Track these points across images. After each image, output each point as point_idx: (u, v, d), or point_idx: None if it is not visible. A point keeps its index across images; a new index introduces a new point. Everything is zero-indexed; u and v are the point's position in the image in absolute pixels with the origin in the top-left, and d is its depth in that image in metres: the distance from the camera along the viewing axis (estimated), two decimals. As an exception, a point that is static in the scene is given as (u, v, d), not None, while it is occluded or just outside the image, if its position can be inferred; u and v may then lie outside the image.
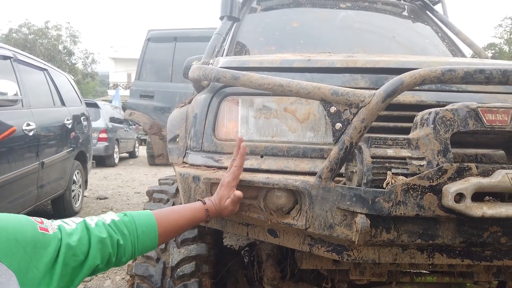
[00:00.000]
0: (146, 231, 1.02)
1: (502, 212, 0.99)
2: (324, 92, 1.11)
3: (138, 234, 1.01)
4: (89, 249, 0.89)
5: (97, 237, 0.92)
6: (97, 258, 0.91)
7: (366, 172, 1.05)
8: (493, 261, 1.19)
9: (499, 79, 0.99)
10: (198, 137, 1.38)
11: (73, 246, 0.86)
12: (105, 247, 0.93)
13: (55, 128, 4.31)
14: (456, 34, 2.68)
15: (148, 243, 1.03)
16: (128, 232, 0.99)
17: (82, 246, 0.88)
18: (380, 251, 1.19)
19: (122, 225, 0.99)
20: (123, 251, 0.97)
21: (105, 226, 0.96)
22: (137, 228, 1.01)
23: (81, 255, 0.88)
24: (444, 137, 1.07)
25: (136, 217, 1.03)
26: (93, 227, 0.94)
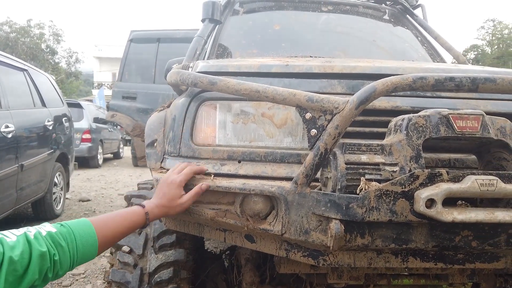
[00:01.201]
0: (86, 241, 0.98)
1: (472, 217, 1.01)
2: (300, 98, 1.12)
3: (77, 245, 0.96)
4: (29, 263, 0.85)
5: (38, 251, 0.87)
6: (36, 273, 0.86)
7: (340, 178, 1.06)
8: (466, 264, 1.21)
9: (469, 86, 1.02)
10: (175, 142, 1.37)
11: (15, 260, 0.82)
12: (44, 262, 0.88)
13: (35, 130, 4.24)
14: (435, 38, 2.73)
15: (88, 253, 1.00)
16: (66, 244, 0.94)
17: (23, 261, 0.84)
18: (355, 255, 1.20)
19: (59, 236, 0.94)
20: (59, 265, 0.92)
21: (43, 239, 0.91)
22: (76, 239, 0.97)
23: (21, 269, 0.83)
24: (417, 143, 1.09)
25: (74, 227, 0.98)
26: (33, 240, 0.88)
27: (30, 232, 0.90)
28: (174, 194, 1.18)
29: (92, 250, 1.00)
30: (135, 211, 1.14)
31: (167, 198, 1.18)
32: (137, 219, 1.13)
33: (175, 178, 1.20)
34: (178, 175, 1.21)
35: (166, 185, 1.20)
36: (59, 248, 0.92)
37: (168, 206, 1.18)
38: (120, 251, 1.58)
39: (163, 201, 1.18)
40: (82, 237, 0.98)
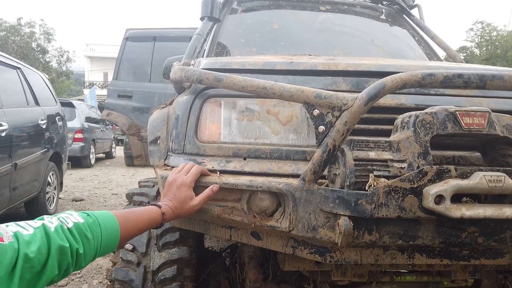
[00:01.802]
0: (110, 234, 0.97)
1: (480, 213, 1.02)
2: (308, 95, 1.12)
3: (102, 237, 0.94)
4: (48, 259, 0.80)
5: (57, 245, 0.82)
6: (55, 268, 0.81)
7: (349, 175, 1.06)
8: (471, 260, 1.22)
9: (477, 83, 1.02)
10: (180, 139, 1.36)
11: (30, 257, 0.76)
12: (65, 257, 0.83)
13: (29, 129, 4.19)
14: (432, 38, 2.75)
15: (110, 246, 0.98)
16: (92, 236, 0.91)
17: (41, 256, 0.78)
18: (362, 252, 1.20)
19: (86, 228, 0.91)
20: (83, 258, 0.88)
21: (64, 232, 0.85)
22: (102, 231, 0.94)
23: (38, 265, 0.78)
24: (424, 140, 1.10)
25: (101, 219, 0.96)
26: (53, 233, 0.83)
27: (51, 224, 0.85)
28: (186, 196, 1.17)
29: (114, 243, 0.99)
30: (154, 210, 1.13)
31: (178, 200, 1.17)
32: (155, 217, 1.12)
33: (184, 179, 1.18)
34: (187, 176, 1.19)
35: (176, 187, 1.18)
36: (85, 240, 0.89)
37: (180, 208, 1.16)
38: (123, 249, 1.56)
39: (175, 203, 1.17)
40: (107, 229, 0.96)
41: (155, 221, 1.12)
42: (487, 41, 30.26)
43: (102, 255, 1.00)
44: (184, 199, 1.17)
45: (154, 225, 1.14)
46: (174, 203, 1.17)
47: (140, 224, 1.08)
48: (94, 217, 0.95)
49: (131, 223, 1.05)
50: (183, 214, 1.18)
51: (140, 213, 1.10)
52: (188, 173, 1.20)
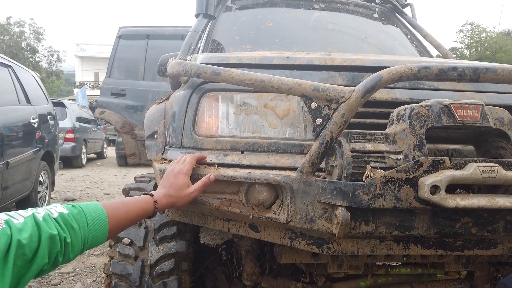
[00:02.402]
0: (97, 224, 0.95)
1: (474, 203, 1.04)
2: (305, 88, 1.13)
3: (88, 228, 0.92)
4: (38, 246, 0.81)
5: (47, 233, 0.82)
6: (45, 257, 0.82)
7: (346, 166, 1.08)
8: (464, 251, 1.25)
9: (471, 76, 1.04)
10: (177, 133, 1.37)
11: (23, 244, 0.77)
12: (54, 245, 0.84)
13: (20, 127, 4.15)
14: (424, 36, 2.78)
15: (99, 237, 0.96)
16: (77, 226, 0.90)
17: (32, 244, 0.79)
18: (358, 243, 1.22)
19: (71, 218, 0.89)
20: (71, 248, 0.88)
21: (52, 221, 0.86)
22: (88, 222, 0.92)
23: (30, 253, 0.79)
24: (420, 132, 1.12)
25: (86, 210, 0.94)
26: (42, 222, 0.83)
27: (39, 214, 0.85)
28: (182, 183, 1.17)
29: (102, 234, 0.97)
30: (145, 199, 1.11)
31: (174, 187, 1.17)
32: (146, 207, 1.10)
33: (181, 167, 1.19)
34: (183, 165, 1.20)
35: (172, 175, 1.19)
36: (71, 230, 0.88)
37: (175, 196, 1.16)
38: (121, 244, 1.56)
39: (171, 191, 1.16)
40: (93, 220, 0.94)
41: (147, 211, 1.11)
42: (477, 42, 30.63)
43: (92, 247, 0.97)
44: (180, 186, 1.16)
45: (147, 215, 1.12)
46: (169, 191, 1.16)
47: (130, 214, 1.06)
48: (79, 207, 0.94)
49: (120, 213, 1.02)
50: (178, 202, 1.17)
51: (131, 203, 1.08)
52: (185, 162, 1.21)
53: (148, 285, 1.48)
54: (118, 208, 1.03)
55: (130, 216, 1.05)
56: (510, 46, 29.61)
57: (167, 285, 1.47)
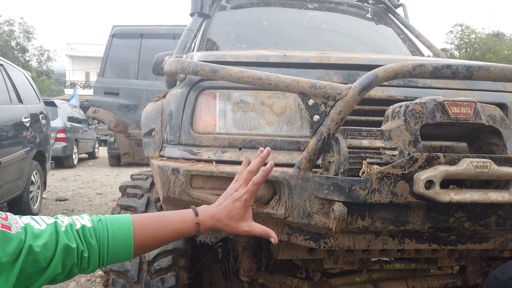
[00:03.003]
0: (119, 242, 0.88)
1: (467, 197, 1.07)
2: (303, 85, 1.15)
3: (108, 245, 0.87)
4: (54, 256, 0.78)
5: (64, 244, 0.80)
6: (58, 267, 0.79)
7: (343, 162, 1.10)
8: (457, 245, 1.27)
9: (464, 74, 1.07)
10: (175, 130, 1.38)
11: (36, 251, 0.76)
12: (70, 257, 0.81)
13: (12, 126, 4.12)
14: (416, 36, 2.82)
15: (121, 255, 0.90)
16: (96, 243, 0.86)
17: (47, 253, 0.77)
18: (355, 238, 1.24)
19: (91, 233, 0.86)
20: (87, 262, 0.85)
21: (73, 233, 0.83)
22: (109, 239, 0.87)
23: (44, 261, 0.77)
24: (414, 129, 1.14)
25: (110, 225, 0.89)
26: (63, 232, 0.81)
27: (62, 223, 0.83)
28: (236, 213, 0.98)
29: (126, 252, 0.90)
30: (186, 219, 0.95)
31: (226, 213, 0.98)
32: (185, 227, 0.94)
33: (241, 195, 0.98)
34: (244, 192, 0.98)
35: (231, 198, 0.99)
36: (89, 245, 0.85)
37: (223, 223, 0.97)
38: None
39: (221, 215, 0.97)
40: (115, 237, 0.88)
41: (186, 232, 0.95)
42: (466, 43, 30.91)
43: (115, 262, 0.92)
44: (233, 215, 0.98)
45: (185, 235, 0.97)
46: (219, 214, 0.97)
47: (162, 235, 0.93)
48: (105, 223, 0.89)
49: (150, 232, 0.91)
50: (225, 229, 0.99)
51: (166, 221, 0.94)
52: (246, 189, 0.98)
53: (146, 282, 1.49)
54: (148, 226, 0.92)
55: (161, 236, 0.93)
56: (499, 47, 29.97)
57: (165, 282, 1.48)
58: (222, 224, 0.98)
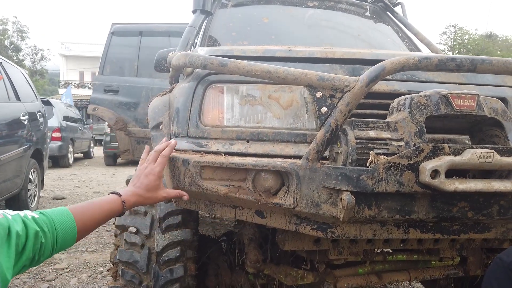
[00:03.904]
0: (65, 228, 0.98)
1: (471, 186, 1.10)
2: (311, 78, 1.18)
3: (57, 232, 0.96)
4: (26, 241, 0.87)
5: (33, 229, 0.88)
6: (31, 251, 0.87)
7: (351, 152, 1.13)
8: (460, 234, 1.31)
9: (468, 67, 1.10)
10: (183, 123, 1.40)
11: (20, 234, 0.84)
12: (37, 241, 0.89)
13: (10, 124, 4.12)
14: (415, 34, 2.86)
15: (67, 240, 1.00)
16: (48, 230, 0.93)
17: (23, 237, 0.85)
18: (361, 227, 1.27)
19: (41, 223, 0.93)
20: (44, 250, 0.92)
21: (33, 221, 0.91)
22: (56, 227, 0.96)
23: (21, 245, 0.85)
24: (420, 120, 1.17)
25: (53, 216, 0.98)
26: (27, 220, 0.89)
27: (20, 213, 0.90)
28: (153, 185, 1.20)
29: (71, 237, 1.00)
30: (112, 199, 1.14)
31: (144, 187, 1.20)
32: (114, 207, 1.12)
33: (153, 168, 1.22)
34: (155, 166, 1.23)
35: (144, 175, 1.22)
36: (43, 233, 0.92)
37: (144, 196, 1.19)
38: (127, 232, 1.59)
39: (140, 191, 1.19)
40: (61, 224, 0.97)
41: (116, 210, 1.13)
42: (460, 44, 31.11)
43: (61, 250, 1.01)
44: (150, 187, 1.20)
45: (116, 214, 1.15)
46: (138, 190, 1.19)
47: (98, 216, 1.08)
48: (47, 214, 0.97)
49: (87, 216, 1.05)
50: (146, 202, 1.22)
51: (97, 205, 1.10)
52: (156, 163, 1.24)
53: (155, 272, 1.51)
54: (85, 211, 1.05)
55: (97, 217, 1.08)
56: (491, 48, 30.23)
57: (174, 272, 1.50)
58: (143, 198, 1.20)
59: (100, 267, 3.15)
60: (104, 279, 2.92)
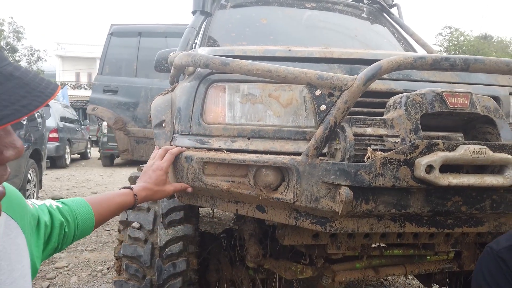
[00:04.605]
0: (85, 219, 1.05)
1: (464, 181, 1.14)
2: (310, 76, 1.22)
3: (78, 222, 1.02)
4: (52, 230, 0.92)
5: (59, 220, 0.94)
6: (56, 241, 0.93)
7: (349, 148, 1.17)
8: (454, 228, 1.35)
9: (461, 66, 1.15)
10: (186, 121, 1.44)
11: (47, 225, 0.90)
12: (61, 232, 0.95)
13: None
14: (410, 35, 2.92)
15: (86, 230, 1.06)
16: (70, 220, 1.00)
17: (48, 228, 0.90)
18: (358, 221, 1.31)
19: (65, 212, 0.99)
20: (66, 238, 0.98)
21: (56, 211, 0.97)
22: (77, 217, 1.02)
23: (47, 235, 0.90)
24: (415, 118, 1.22)
25: (74, 206, 1.04)
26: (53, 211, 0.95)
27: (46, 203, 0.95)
28: (161, 179, 1.28)
29: (89, 226, 1.07)
30: (125, 193, 1.20)
31: (153, 182, 1.27)
32: (127, 199, 1.19)
33: (160, 164, 1.31)
34: (162, 162, 1.31)
35: (151, 170, 1.30)
36: (67, 223, 0.97)
37: (153, 190, 1.26)
38: (130, 228, 1.62)
39: (149, 185, 1.26)
40: (81, 214, 1.03)
41: (128, 203, 1.20)
42: (455, 45, 31.26)
43: (80, 238, 1.07)
44: (158, 182, 1.28)
45: (128, 206, 1.22)
46: (148, 185, 1.26)
47: (112, 207, 1.15)
48: (68, 205, 1.03)
49: (103, 207, 1.12)
50: (155, 196, 1.29)
51: (112, 197, 1.17)
52: (163, 159, 1.32)
53: (158, 266, 1.54)
54: (101, 203, 1.13)
55: (112, 208, 1.15)
56: (487, 49, 30.43)
57: (176, 266, 1.54)
58: (153, 191, 1.27)
59: (100, 266, 3.18)
60: (104, 277, 2.95)
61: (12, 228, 0.74)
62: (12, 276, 0.70)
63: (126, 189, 1.22)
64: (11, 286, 0.69)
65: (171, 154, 1.33)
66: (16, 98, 0.53)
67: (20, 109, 0.52)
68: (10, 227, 0.74)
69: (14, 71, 0.56)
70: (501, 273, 0.83)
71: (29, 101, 0.54)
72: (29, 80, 0.56)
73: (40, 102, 0.55)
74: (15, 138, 0.60)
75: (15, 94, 0.53)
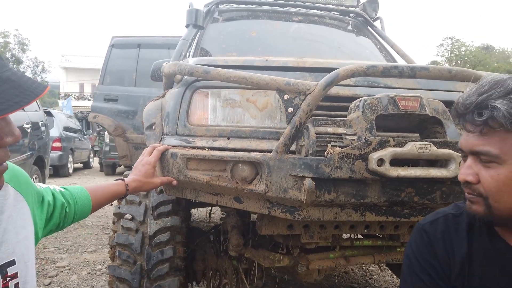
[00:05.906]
0: (83, 202, 1.22)
1: (412, 173, 1.31)
2: (279, 83, 1.40)
3: (77, 205, 1.19)
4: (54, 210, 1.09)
5: (60, 201, 1.11)
6: (57, 219, 1.10)
7: (312, 145, 1.34)
8: (411, 217, 1.51)
9: (409, 73, 1.33)
10: (173, 123, 1.62)
11: (51, 203, 1.07)
12: (62, 211, 1.12)
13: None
14: (391, 46, 3.11)
15: (84, 212, 1.24)
16: (71, 202, 1.17)
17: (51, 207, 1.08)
18: (323, 210, 1.48)
19: (67, 195, 1.16)
20: (67, 218, 1.15)
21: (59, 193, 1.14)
22: (77, 200, 1.19)
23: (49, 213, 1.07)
24: (371, 119, 1.39)
25: (74, 191, 1.21)
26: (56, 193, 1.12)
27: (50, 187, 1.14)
28: (149, 172, 1.47)
29: (87, 210, 1.25)
30: (118, 183, 1.40)
31: (142, 175, 1.45)
32: (119, 189, 1.38)
33: (149, 159, 1.49)
34: (150, 157, 1.49)
35: (141, 164, 1.48)
36: (67, 204, 1.17)
37: (142, 181, 1.45)
38: (123, 219, 1.80)
39: (139, 177, 1.45)
40: (80, 199, 1.22)
41: (121, 192, 1.39)
42: (457, 56, 31.49)
43: (79, 220, 1.26)
44: (148, 175, 1.46)
45: (121, 195, 1.41)
46: (138, 177, 1.44)
47: (107, 195, 1.34)
48: (69, 190, 1.21)
49: (99, 194, 1.31)
50: (144, 186, 1.47)
51: (107, 186, 1.37)
52: (151, 155, 1.50)
53: (148, 253, 1.71)
54: (97, 190, 1.32)
55: (106, 195, 1.34)
56: (488, 59, 30.68)
57: (164, 253, 1.71)
58: (142, 183, 1.45)
59: (99, 265, 3.34)
60: (102, 276, 3.11)
61: (19, 201, 0.93)
62: (17, 238, 0.88)
63: (119, 180, 1.42)
64: (17, 245, 0.87)
65: (158, 150, 1.51)
66: (11, 96, 0.70)
67: (13, 104, 0.70)
68: (17, 199, 0.93)
69: (12, 75, 0.73)
70: (423, 243, 0.99)
71: (21, 98, 0.71)
72: (22, 83, 0.74)
73: (29, 99, 0.73)
74: (14, 127, 0.77)
75: (11, 94, 0.70)
